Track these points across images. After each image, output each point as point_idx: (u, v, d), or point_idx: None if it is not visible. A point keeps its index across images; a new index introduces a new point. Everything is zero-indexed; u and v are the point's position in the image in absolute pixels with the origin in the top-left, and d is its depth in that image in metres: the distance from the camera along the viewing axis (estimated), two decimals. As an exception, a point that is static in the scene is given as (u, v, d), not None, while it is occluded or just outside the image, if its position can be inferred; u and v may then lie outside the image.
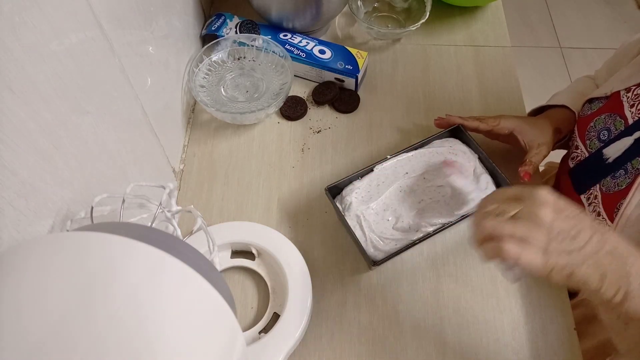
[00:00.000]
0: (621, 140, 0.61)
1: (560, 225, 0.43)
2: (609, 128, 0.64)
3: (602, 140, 0.64)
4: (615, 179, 0.61)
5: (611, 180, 0.62)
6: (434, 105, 0.84)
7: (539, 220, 0.43)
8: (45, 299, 0.30)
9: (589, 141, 0.66)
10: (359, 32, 0.93)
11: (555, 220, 0.43)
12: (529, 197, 0.45)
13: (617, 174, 0.61)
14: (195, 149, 0.80)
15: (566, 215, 0.43)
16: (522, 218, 0.44)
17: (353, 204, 0.67)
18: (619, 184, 0.61)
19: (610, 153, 0.63)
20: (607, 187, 0.62)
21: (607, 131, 0.64)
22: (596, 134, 0.65)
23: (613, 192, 0.61)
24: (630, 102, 0.62)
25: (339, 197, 0.69)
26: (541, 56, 2.06)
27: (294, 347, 0.60)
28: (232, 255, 0.69)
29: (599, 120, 0.66)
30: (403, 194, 0.68)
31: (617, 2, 2.23)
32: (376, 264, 0.62)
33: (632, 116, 0.61)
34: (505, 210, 0.45)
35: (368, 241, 0.64)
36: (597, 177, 0.64)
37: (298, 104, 0.83)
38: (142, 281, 0.33)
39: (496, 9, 0.97)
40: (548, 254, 0.42)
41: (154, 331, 0.31)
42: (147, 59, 0.63)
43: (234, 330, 0.38)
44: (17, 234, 0.38)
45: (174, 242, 0.41)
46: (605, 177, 0.63)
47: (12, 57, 0.36)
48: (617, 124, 0.63)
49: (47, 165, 0.41)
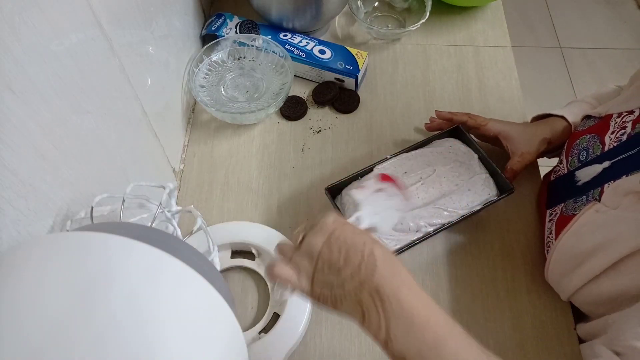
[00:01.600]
0: (592, 166, 0.60)
1: (327, 257, 0.42)
2: (588, 150, 0.62)
3: (580, 160, 0.63)
4: (576, 202, 0.60)
5: (573, 204, 0.61)
6: (434, 105, 0.84)
7: (310, 249, 0.43)
8: (43, 300, 0.30)
9: (571, 158, 0.65)
10: (359, 32, 0.93)
11: (324, 251, 0.42)
12: (315, 224, 0.45)
13: (580, 198, 0.60)
14: (195, 149, 0.80)
15: (338, 246, 0.42)
16: (302, 245, 0.44)
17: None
18: (575, 209, 0.60)
19: (581, 176, 0.61)
20: (567, 209, 0.61)
21: (585, 152, 0.62)
22: (577, 153, 0.64)
23: (567, 215, 0.61)
24: (613, 128, 0.60)
25: (339, 197, 0.69)
26: (541, 56, 2.06)
27: (294, 347, 0.60)
28: (232, 255, 0.69)
29: (583, 139, 0.64)
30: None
31: (617, 2, 2.23)
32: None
33: (609, 143, 0.59)
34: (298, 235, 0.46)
35: None
36: (564, 197, 0.63)
37: (298, 104, 0.83)
38: (142, 281, 0.33)
39: (496, 9, 0.97)
40: (314, 284, 0.43)
41: (153, 332, 0.31)
42: (147, 59, 0.63)
43: (234, 330, 0.38)
44: (17, 234, 0.38)
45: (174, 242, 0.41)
46: (570, 198, 0.62)
47: (12, 57, 0.36)
48: (595, 147, 0.61)
49: (47, 165, 0.42)
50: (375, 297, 0.40)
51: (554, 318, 0.65)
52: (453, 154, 0.71)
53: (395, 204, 0.56)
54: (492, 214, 0.72)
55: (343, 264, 0.42)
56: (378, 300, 0.40)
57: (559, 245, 0.60)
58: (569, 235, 0.58)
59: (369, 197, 0.55)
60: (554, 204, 0.66)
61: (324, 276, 0.42)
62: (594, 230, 0.55)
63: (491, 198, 0.68)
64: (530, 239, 0.71)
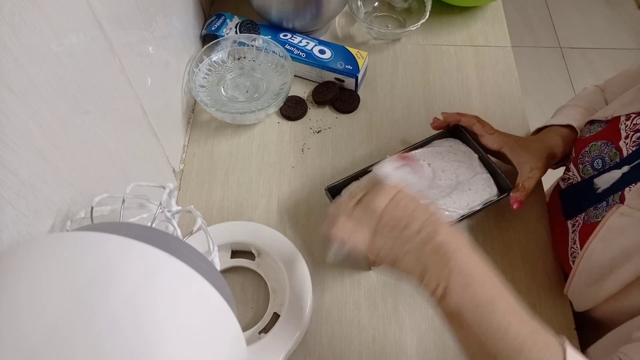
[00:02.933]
0: (611, 172, 0.59)
1: (390, 216, 0.45)
2: (604, 158, 0.61)
3: (595, 168, 0.62)
4: (596, 209, 0.60)
5: (593, 211, 0.60)
6: (434, 105, 0.84)
7: (374, 206, 0.46)
8: (41, 301, 0.30)
9: (582, 166, 0.64)
10: (359, 32, 0.93)
11: (388, 210, 0.46)
12: (375, 185, 0.48)
13: (600, 205, 0.60)
14: (195, 149, 0.80)
15: (403, 206, 0.46)
16: (362, 203, 0.47)
17: None
18: (597, 216, 0.59)
19: (600, 183, 0.61)
20: (589, 217, 0.61)
21: (601, 160, 0.62)
22: (590, 161, 0.63)
23: (590, 223, 0.60)
24: (626, 132, 0.60)
25: (339, 197, 0.69)
26: (541, 56, 2.06)
27: (294, 347, 0.60)
28: (232, 255, 0.69)
29: (594, 146, 0.63)
30: None
31: (617, 2, 2.23)
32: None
33: (626, 148, 0.59)
34: (355, 195, 0.49)
35: None
36: (585, 206, 0.62)
37: (298, 104, 0.83)
38: (142, 282, 0.33)
39: (496, 9, 0.97)
40: (375, 237, 0.45)
41: (152, 333, 0.31)
42: (147, 59, 0.63)
43: (234, 330, 0.38)
44: (17, 234, 0.38)
45: (174, 242, 0.41)
46: (591, 206, 0.61)
47: (12, 57, 0.36)
48: (612, 155, 0.60)
49: (47, 165, 0.41)
50: (438, 254, 0.43)
51: (554, 318, 0.65)
52: (453, 154, 0.71)
53: (419, 178, 0.58)
54: (492, 214, 0.72)
55: (407, 223, 0.44)
56: (441, 256, 0.43)
57: (586, 254, 0.58)
58: (596, 242, 0.57)
59: (393, 172, 0.56)
60: (575, 213, 0.64)
61: (386, 234, 0.45)
62: (621, 235, 0.54)
63: (492, 198, 0.68)
64: (530, 239, 0.71)
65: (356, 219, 0.47)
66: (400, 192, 0.47)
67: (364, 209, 0.47)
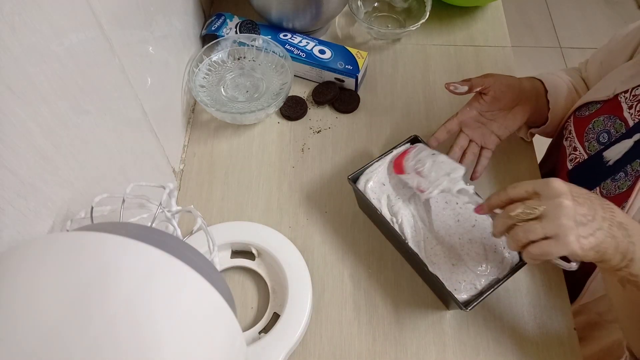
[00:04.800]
0: (621, 142, 0.61)
1: (580, 211, 0.47)
2: (609, 130, 0.63)
3: (601, 142, 0.64)
4: (615, 181, 0.61)
5: (611, 183, 0.62)
6: (434, 106, 0.84)
7: (565, 211, 0.46)
8: (39, 303, 0.30)
9: (588, 143, 0.66)
10: (359, 32, 0.93)
11: (576, 206, 0.47)
12: (547, 191, 0.48)
13: (617, 176, 0.61)
14: (195, 149, 0.80)
15: (584, 199, 0.48)
16: (549, 215, 0.47)
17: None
18: (620, 187, 0.61)
19: (610, 155, 0.63)
20: (608, 190, 0.62)
21: (606, 133, 0.64)
22: (595, 136, 0.65)
23: (614, 194, 0.61)
24: (628, 104, 0.62)
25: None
26: (541, 56, 2.06)
27: (294, 347, 0.60)
28: (232, 255, 0.69)
29: (597, 122, 0.65)
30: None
31: (617, 2, 2.23)
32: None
33: (631, 118, 0.61)
34: (530, 212, 0.48)
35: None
36: (598, 180, 0.64)
37: (298, 104, 0.83)
38: (141, 282, 0.33)
39: (496, 9, 0.97)
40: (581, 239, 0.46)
41: (152, 333, 0.31)
42: (147, 59, 0.63)
43: (234, 330, 0.38)
44: (17, 234, 0.38)
45: (174, 242, 0.41)
46: (605, 179, 0.63)
47: (12, 57, 0.36)
48: (617, 126, 0.63)
49: (47, 165, 0.41)
50: (622, 230, 0.47)
51: (554, 318, 0.65)
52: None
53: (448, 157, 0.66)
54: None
55: (594, 210, 0.47)
56: (625, 231, 0.48)
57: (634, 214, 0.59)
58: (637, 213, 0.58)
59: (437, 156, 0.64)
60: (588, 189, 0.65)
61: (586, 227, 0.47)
62: None
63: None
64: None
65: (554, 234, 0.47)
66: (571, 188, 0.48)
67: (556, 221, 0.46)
